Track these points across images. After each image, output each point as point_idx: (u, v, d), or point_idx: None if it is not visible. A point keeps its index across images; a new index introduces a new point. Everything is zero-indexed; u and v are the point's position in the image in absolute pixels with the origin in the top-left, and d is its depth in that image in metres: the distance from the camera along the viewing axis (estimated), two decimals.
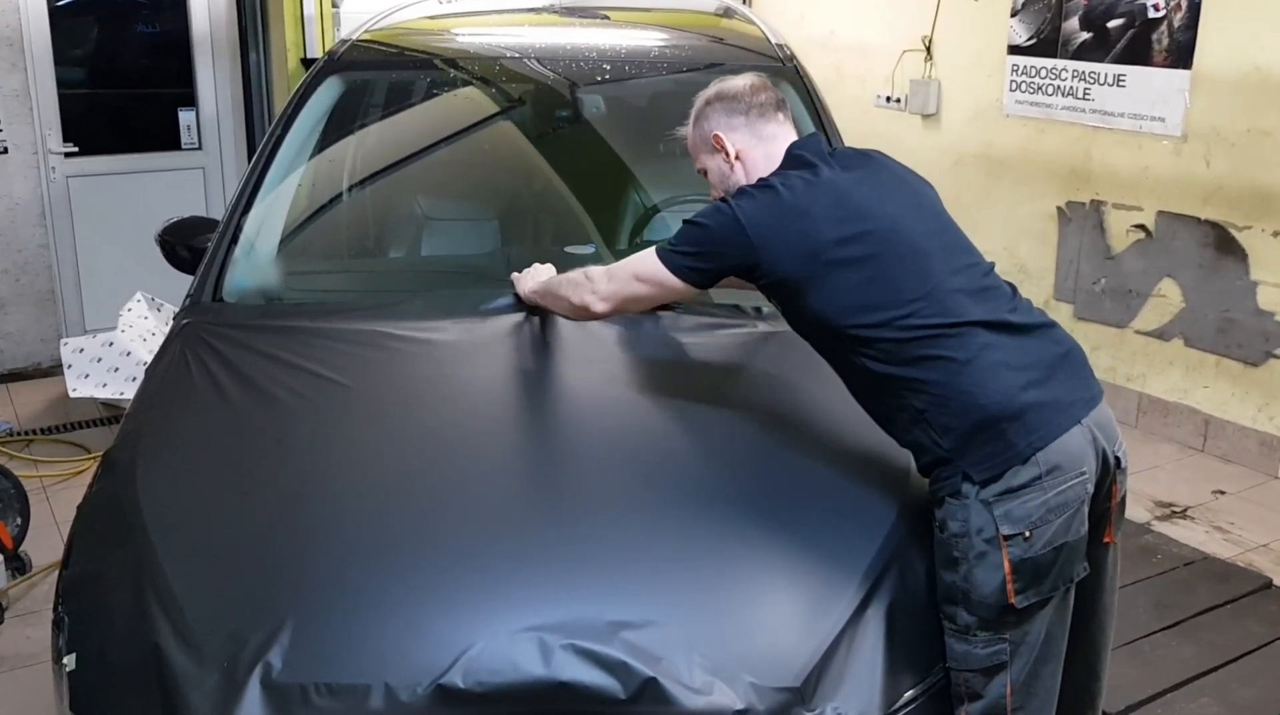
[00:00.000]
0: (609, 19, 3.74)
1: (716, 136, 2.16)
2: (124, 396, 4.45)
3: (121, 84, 5.80)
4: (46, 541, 3.70)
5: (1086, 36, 4.96)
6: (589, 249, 2.98)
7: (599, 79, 3.26)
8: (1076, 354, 2.00)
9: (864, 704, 1.74)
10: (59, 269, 5.51)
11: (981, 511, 1.86)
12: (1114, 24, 4.84)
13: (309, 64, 5.27)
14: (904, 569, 1.92)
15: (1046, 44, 5.14)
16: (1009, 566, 1.85)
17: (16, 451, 4.53)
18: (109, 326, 4.87)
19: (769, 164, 2.11)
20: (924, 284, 1.93)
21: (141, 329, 4.84)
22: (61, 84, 5.39)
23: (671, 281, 2.07)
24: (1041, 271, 5.34)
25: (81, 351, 4.67)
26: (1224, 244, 4.59)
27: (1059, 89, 5.11)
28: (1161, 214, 4.81)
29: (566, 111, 3.37)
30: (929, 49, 5.71)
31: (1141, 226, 4.90)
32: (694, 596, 1.80)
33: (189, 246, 2.95)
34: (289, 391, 2.27)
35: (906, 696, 1.83)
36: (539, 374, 2.43)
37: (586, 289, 2.21)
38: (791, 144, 2.13)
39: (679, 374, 2.38)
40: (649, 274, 2.10)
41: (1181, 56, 4.60)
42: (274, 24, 5.73)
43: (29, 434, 4.76)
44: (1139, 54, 4.76)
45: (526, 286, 2.51)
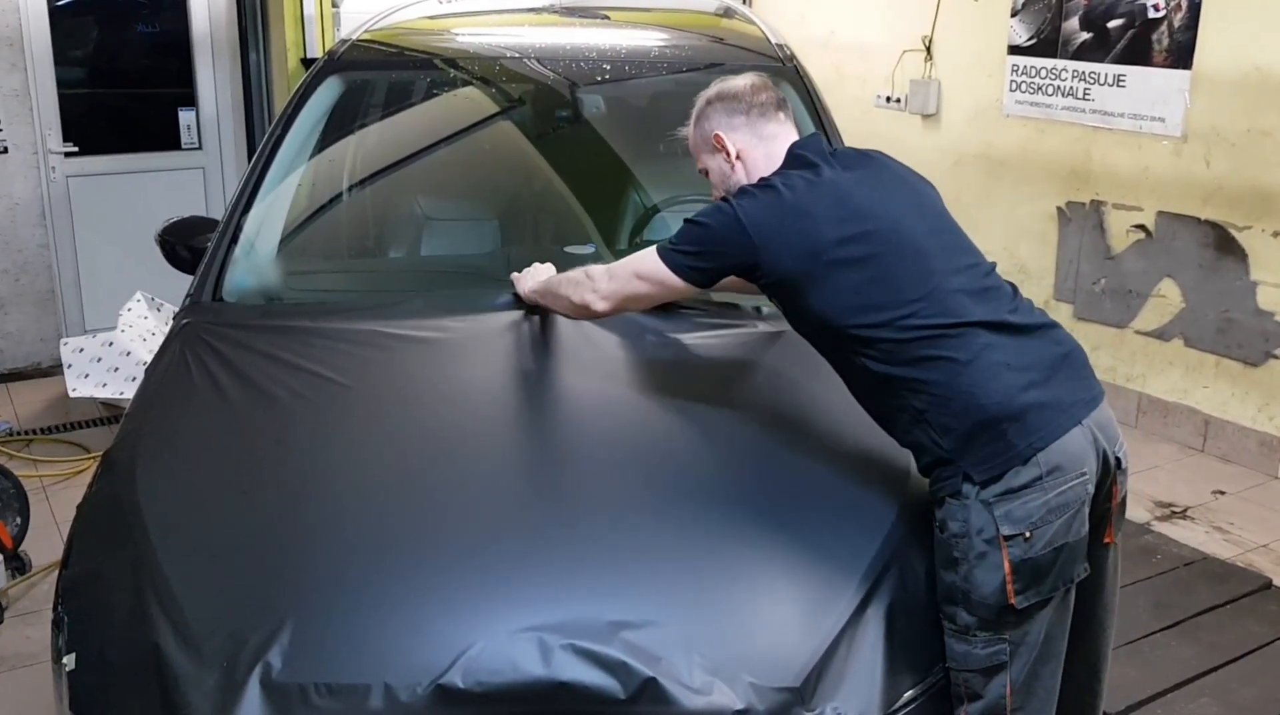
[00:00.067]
0: (609, 19, 3.74)
1: (717, 136, 2.16)
2: (124, 396, 4.45)
3: (121, 84, 5.79)
4: (46, 541, 3.70)
5: (1086, 36, 4.96)
6: (589, 249, 2.97)
7: (599, 79, 3.26)
8: (1077, 355, 2.00)
9: (864, 704, 1.74)
10: (59, 269, 5.51)
11: (982, 512, 1.86)
12: (1114, 24, 4.84)
13: (309, 64, 5.27)
14: (904, 569, 1.92)
15: (1046, 44, 5.14)
16: (1009, 567, 1.85)
17: (16, 451, 4.52)
18: (109, 326, 4.87)
19: (770, 164, 2.11)
20: (925, 284, 1.93)
21: (141, 329, 4.84)
22: (61, 84, 5.39)
23: (672, 280, 2.07)
24: (1041, 271, 5.34)
25: (81, 351, 4.67)
26: (1224, 244, 4.59)
27: (1059, 89, 5.11)
28: (1161, 214, 4.81)
29: (566, 111, 3.36)
30: (929, 49, 5.71)
31: (1141, 227, 4.90)
32: (694, 596, 1.80)
33: (189, 246, 2.95)
34: (289, 391, 2.27)
35: (906, 696, 1.83)
36: (539, 374, 2.43)
37: (587, 288, 2.21)
38: (793, 144, 2.13)
39: (679, 374, 2.38)
40: (650, 272, 2.10)
41: (1181, 57, 4.60)
42: (274, 24, 5.73)
43: (29, 434, 4.76)
44: (1139, 54, 4.76)
45: (526, 286, 2.51)
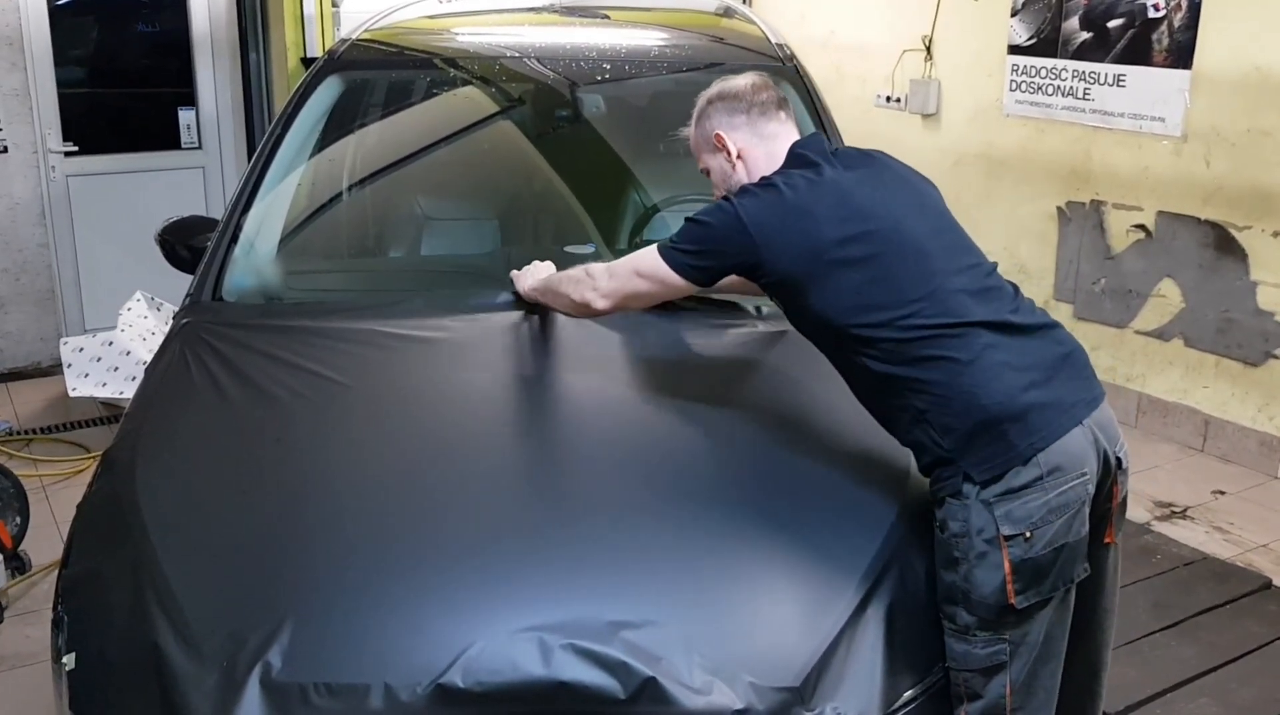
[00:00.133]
0: (609, 18, 3.74)
1: (718, 135, 2.15)
2: (123, 396, 4.45)
3: (121, 83, 5.79)
4: (46, 541, 3.69)
5: (1087, 36, 4.96)
6: (589, 248, 2.97)
7: (599, 78, 3.26)
8: (1078, 355, 2.00)
9: (863, 704, 1.74)
10: (59, 268, 5.51)
11: (982, 512, 1.86)
12: (1114, 24, 4.84)
13: (309, 63, 5.26)
14: (904, 569, 1.92)
15: (1046, 44, 5.13)
16: (1009, 567, 1.85)
17: (16, 451, 4.52)
18: (109, 326, 4.87)
19: (771, 163, 2.11)
20: (926, 284, 1.93)
21: (141, 328, 4.83)
22: (61, 83, 5.39)
23: (673, 279, 2.07)
24: (1041, 271, 5.34)
25: (81, 351, 4.67)
26: (1224, 244, 4.59)
27: (1059, 89, 5.10)
28: (1161, 214, 4.81)
29: (566, 111, 3.36)
30: (929, 49, 5.70)
31: (1141, 226, 4.90)
32: (694, 596, 1.80)
33: (189, 246, 2.95)
34: (289, 391, 2.27)
35: (906, 696, 1.83)
36: (538, 373, 2.43)
37: (587, 286, 2.20)
38: (794, 143, 2.13)
39: (679, 373, 2.37)
40: (650, 271, 2.09)
41: (1181, 56, 4.60)
42: (274, 23, 5.73)
43: (29, 433, 4.76)
44: (1139, 54, 4.76)
45: (526, 284, 2.51)
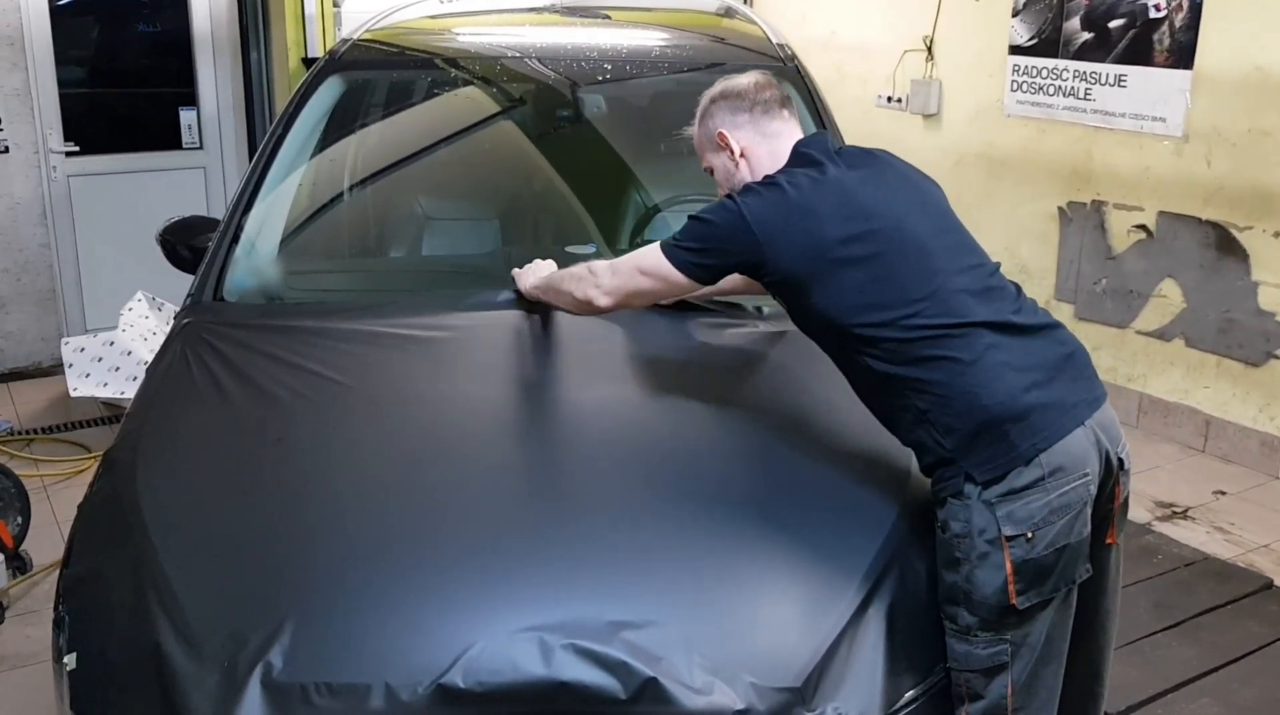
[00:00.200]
0: (610, 19, 3.74)
1: (721, 134, 2.15)
2: (125, 396, 4.45)
3: (122, 83, 5.79)
4: (47, 541, 3.70)
5: (1088, 37, 4.96)
6: (590, 249, 2.97)
7: (600, 79, 3.26)
8: (1080, 355, 2.00)
9: (864, 704, 1.74)
10: (60, 268, 5.51)
11: (984, 512, 1.86)
12: (1115, 24, 4.83)
13: (310, 63, 5.27)
14: (905, 569, 1.91)
15: (1048, 44, 5.13)
16: (1011, 567, 1.85)
17: (17, 451, 4.52)
18: (110, 326, 4.87)
19: (774, 161, 2.10)
20: (929, 284, 1.92)
21: (142, 328, 4.83)
22: (62, 83, 5.39)
23: (675, 276, 2.07)
24: (1042, 272, 5.33)
25: (82, 351, 4.67)
26: (1225, 244, 4.59)
27: (1060, 89, 5.10)
28: (1162, 214, 4.80)
29: (567, 111, 3.36)
30: (930, 49, 5.70)
31: (1142, 227, 4.89)
32: (694, 596, 1.80)
33: (190, 246, 2.95)
34: (290, 391, 2.27)
35: (907, 697, 1.82)
36: (539, 373, 2.43)
37: (590, 283, 2.20)
38: (798, 142, 2.12)
39: (680, 373, 2.37)
40: (653, 268, 2.09)
41: (1183, 57, 4.60)
42: (275, 23, 5.73)
43: (30, 433, 4.76)
44: (1140, 54, 4.75)
45: (528, 282, 2.51)
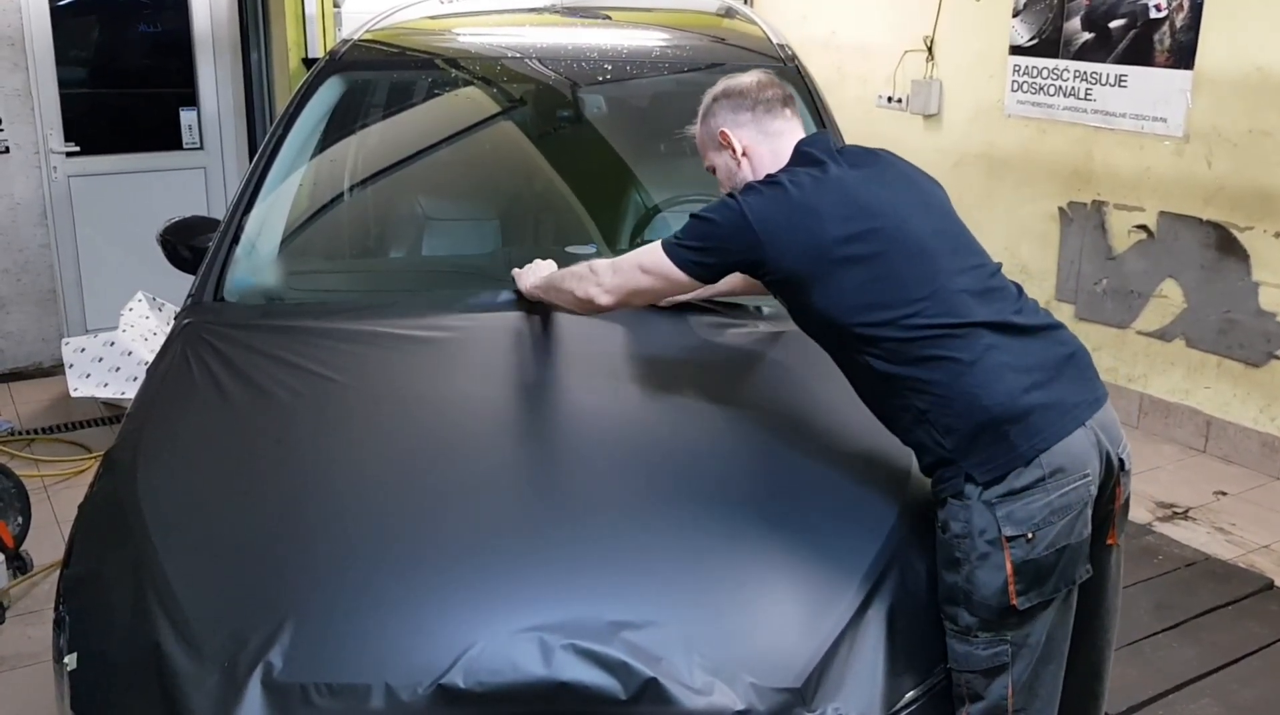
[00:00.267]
0: (610, 19, 3.74)
1: (723, 133, 2.15)
2: (125, 396, 4.45)
3: (123, 83, 5.79)
4: (48, 541, 3.70)
5: (1088, 37, 4.96)
6: (590, 249, 2.97)
7: (600, 79, 3.26)
8: (1081, 356, 2.00)
9: (865, 705, 1.74)
10: (60, 268, 5.51)
11: (984, 513, 1.85)
12: (1116, 24, 4.83)
13: (310, 64, 5.27)
14: (905, 569, 1.91)
15: (1048, 44, 5.13)
16: (1011, 568, 1.85)
17: (18, 451, 4.52)
18: (110, 326, 4.87)
19: (776, 160, 2.10)
20: (929, 283, 1.92)
21: (143, 329, 4.84)
22: (63, 83, 5.39)
23: (676, 274, 2.07)
24: (1043, 272, 5.33)
25: (83, 351, 4.67)
26: (1226, 245, 4.59)
27: (1061, 89, 5.10)
28: (1163, 214, 4.80)
29: (568, 111, 3.36)
30: (930, 49, 5.70)
31: (1143, 227, 4.89)
32: (695, 596, 1.80)
33: (190, 246, 2.95)
34: (290, 391, 2.27)
35: (908, 697, 1.82)
36: (539, 373, 2.43)
37: (591, 282, 2.20)
38: (800, 141, 2.12)
39: (680, 373, 2.37)
40: (654, 266, 2.09)
41: (1183, 57, 4.60)
42: (275, 23, 5.73)
43: (30, 433, 4.76)
44: (1141, 54, 4.75)
45: (528, 282, 2.50)
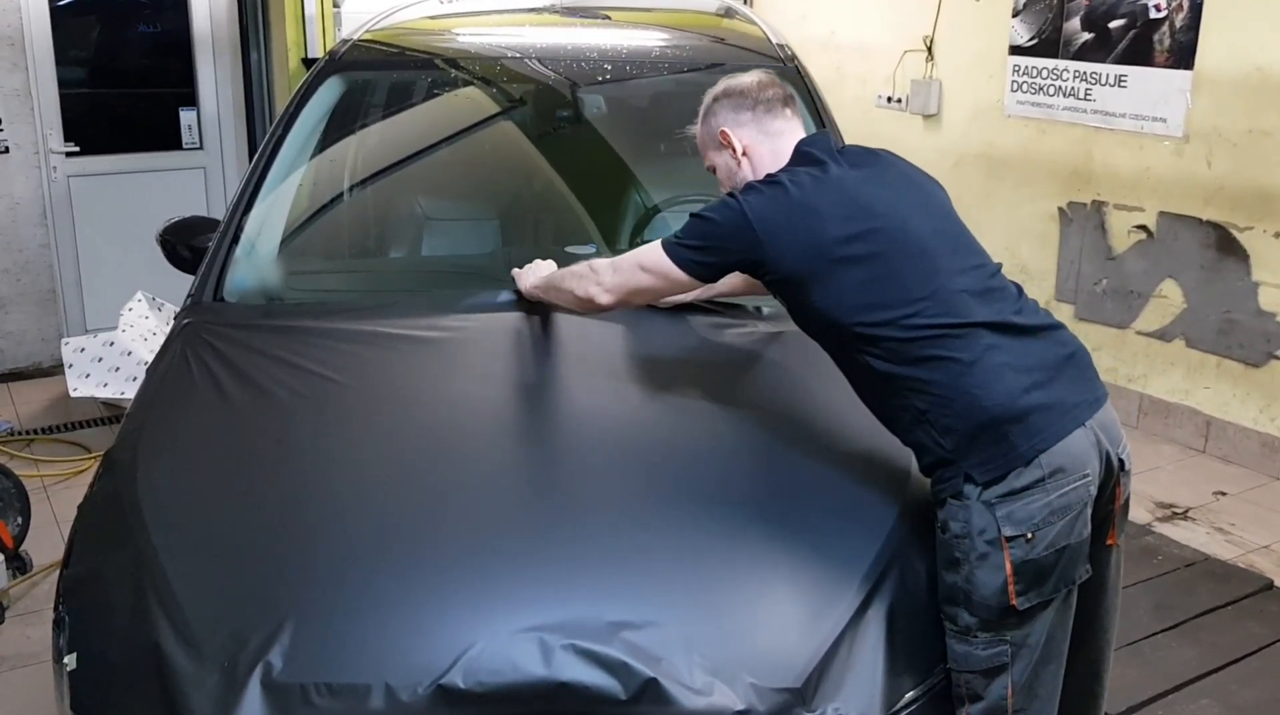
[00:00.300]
0: (610, 19, 3.74)
1: (724, 133, 2.15)
2: (125, 396, 4.45)
3: (123, 83, 5.79)
4: (47, 541, 3.70)
5: (1088, 37, 4.96)
6: (590, 249, 2.97)
7: (600, 79, 3.26)
8: (1081, 356, 2.00)
9: (865, 705, 1.74)
10: (60, 268, 5.51)
11: (984, 513, 1.85)
12: (1115, 24, 4.83)
13: (310, 64, 5.27)
14: (905, 570, 1.91)
15: (1048, 44, 5.13)
16: (1010, 568, 1.85)
17: (17, 451, 4.52)
18: (110, 326, 4.87)
19: (776, 160, 2.10)
20: (929, 283, 1.92)
21: (142, 329, 4.84)
22: (63, 83, 5.39)
23: (676, 274, 2.07)
24: (1043, 272, 5.33)
25: (82, 351, 4.67)
26: (1225, 245, 4.59)
27: (1060, 89, 5.10)
28: (1163, 215, 4.80)
29: (567, 111, 3.36)
30: (930, 49, 5.70)
31: (1143, 227, 4.89)
32: (694, 597, 1.80)
33: (190, 246, 2.95)
34: (290, 391, 2.27)
35: (907, 697, 1.82)
36: (539, 373, 2.43)
37: (591, 281, 2.20)
38: (800, 141, 2.12)
39: (680, 373, 2.37)
40: (654, 265, 2.09)
41: (1183, 57, 4.60)
42: (275, 23, 5.73)
43: (30, 433, 4.76)
44: (1140, 54, 4.75)
45: (528, 281, 2.51)
